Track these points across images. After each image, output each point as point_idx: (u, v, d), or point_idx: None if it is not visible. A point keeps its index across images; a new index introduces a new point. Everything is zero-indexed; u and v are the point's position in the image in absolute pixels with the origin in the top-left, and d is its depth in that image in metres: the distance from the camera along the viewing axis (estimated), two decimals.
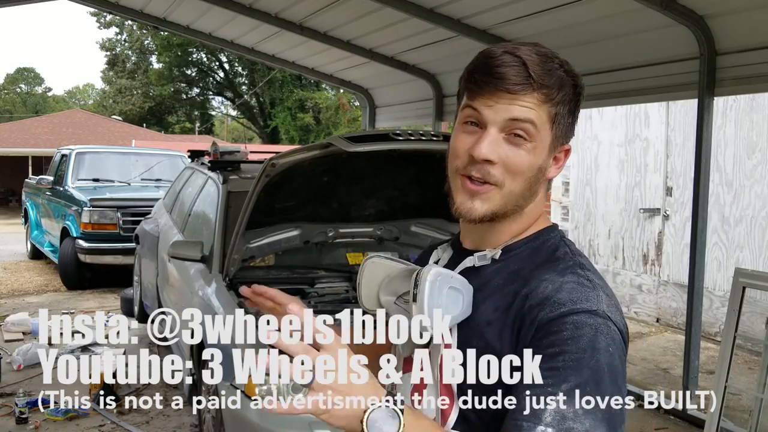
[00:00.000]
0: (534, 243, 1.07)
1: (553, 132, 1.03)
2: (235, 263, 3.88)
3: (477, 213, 1.02)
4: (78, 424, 4.26)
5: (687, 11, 4.20)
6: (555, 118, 1.02)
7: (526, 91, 0.99)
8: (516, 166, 1.01)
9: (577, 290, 0.96)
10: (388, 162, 3.60)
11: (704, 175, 4.44)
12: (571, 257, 1.04)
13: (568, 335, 0.92)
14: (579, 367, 0.91)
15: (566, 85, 1.03)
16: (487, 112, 1.00)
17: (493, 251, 1.06)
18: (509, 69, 0.99)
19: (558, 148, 1.06)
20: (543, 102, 1.00)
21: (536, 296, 0.97)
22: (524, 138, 1.00)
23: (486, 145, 0.99)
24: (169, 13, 7.41)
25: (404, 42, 6.48)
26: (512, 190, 1.02)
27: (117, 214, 8.35)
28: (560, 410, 0.89)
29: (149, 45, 35.36)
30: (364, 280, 1.11)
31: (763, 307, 5.41)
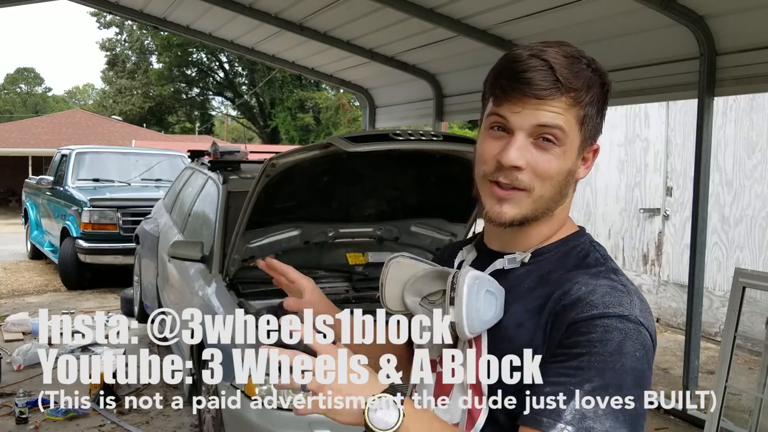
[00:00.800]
0: (564, 247, 1.06)
1: (582, 134, 1.03)
2: (235, 263, 3.88)
3: (506, 217, 1.02)
4: (78, 424, 4.26)
5: (687, 11, 4.20)
6: (583, 120, 1.01)
7: (554, 95, 0.97)
8: (545, 171, 1.00)
9: (611, 294, 0.96)
10: (388, 162, 3.60)
11: (704, 175, 4.44)
12: (603, 262, 1.03)
13: (597, 338, 0.92)
14: (603, 369, 0.91)
15: (594, 86, 1.01)
16: (514, 118, 0.99)
17: (523, 254, 1.06)
18: (536, 74, 0.97)
19: (587, 149, 1.06)
20: (571, 105, 0.99)
21: (569, 297, 0.97)
22: (553, 143, 0.99)
23: (514, 152, 0.98)
24: (169, 13, 7.41)
25: (404, 42, 6.48)
26: (542, 194, 1.01)
27: (117, 214, 8.35)
28: (581, 409, 0.90)
29: (149, 45, 35.37)
30: (389, 280, 1.09)
31: (763, 307, 5.41)
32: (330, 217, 4.14)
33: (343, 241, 4.32)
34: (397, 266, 1.10)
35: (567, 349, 0.93)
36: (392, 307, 1.09)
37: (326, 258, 4.44)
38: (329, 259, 4.43)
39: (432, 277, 1.08)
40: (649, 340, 0.95)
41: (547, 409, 0.91)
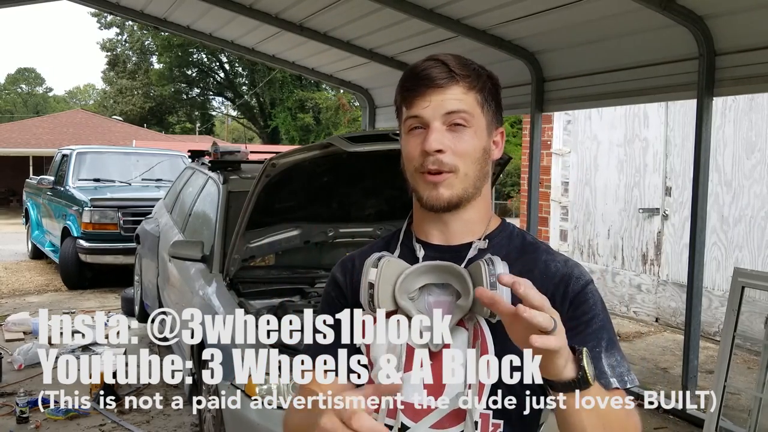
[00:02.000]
0: (504, 232, 1.21)
1: (485, 116, 1.16)
2: (236, 263, 3.89)
3: (443, 198, 1.14)
4: (78, 424, 4.27)
5: (686, 11, 4.20)
6: (482, 103, 1.16)
7: (451, 83, 1.13)
8: (464, 150, 1.13)
9: (578, 265, 1.17)
10: (388, 162, 3.60)
11: (703, 175, 4.45)
12: (539, 241, 1.22)
13: (592, 301, 1.13)
14: (605, 325, 1.13)
15: (482, 75, 1.16)
16: (426, 112, 1.13)
17: (481, 242, 1.17)
18: (433, 69, 1.13)
19: (493, 131, 1.19)
20: (468, 90, 1.14)
21: (554, 275, 1.14)
22: (463, 125, 1.13)
23: (434, 138, 1.11)
24: (170, 13, 7.42)
25: (404, 42, 6.48)
26: (467, 172, 1.14)
27: (118, 214, 8.36)
28: (609, 362, 1.11)
29: (150, 45, 35.37)
30: (383, 280, 1.12)
31: (762, 307, 5.41)
32: (330, 217, 4.15)
33: (343, 241, 4.33)
34: (388, 265, 1.13)
35: (579, 319, 1.11)
36: (384, 307, 1.11)
37: (326, 258, 4.45)
38: (329, 259, 4.44)
39: (419, 273, 1.12)
40: None
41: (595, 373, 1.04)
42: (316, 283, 4.08)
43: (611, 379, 1.09)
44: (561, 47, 5.48)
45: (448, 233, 1.19)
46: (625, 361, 1.12)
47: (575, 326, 1.10)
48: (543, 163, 8.02)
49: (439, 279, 1.12)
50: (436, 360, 1.09)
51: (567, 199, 8.23)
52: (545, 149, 8.11)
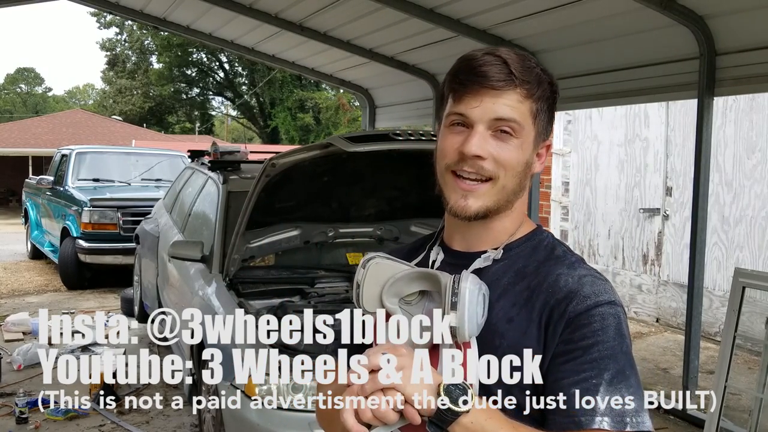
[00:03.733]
0: (531, 242, 1.11)
1: (536, 128, 1.07)
2: (235, 263, 3.88)
3: (471, 210, 1.06)
4: (78, 424, 4.26)
5: (687, 11, 4.20)
6: (536, 114, 1.06)
7: (508, 87, 1.03)
8: (506, 160, 1.05)
9: (596, 283, 1.03)
10: (388, 162, 3.60)
11: (704, 175, 4.45)
12: (570, 254, 1.09)
13: (598, 327, 0.99)
14: (614, 355, 0.98)
15: (544, 82, 1.07)
16: (473, 112, 1.03)
17: (495, 251, 1.09)
18: (492, 67, 1.03)
19: (540, 144, 1.10)
20: (525, 98, 1.04)
21: (560, 290, 1.02)
22: (510, 134, 1.04)
23: (476, 142, 1.03)
24: (169, 13, 7.41)
25: (404, 42, 6.48)
26: (505, 185, 1.06)
27: (117, 214, 8.35)
28: (608, 398, 0.96)
29: (149, 45, 35.36)
30: (367, 281, 1.09)
31: (762, 307, 5.41)
32: (330, 217, 4.15)
33: (343, 241, 4.32)
34: (375, 267, 1.09)
35: (576, 344, 0.98)
36: (369, 308, 1.09)
37: (326, 258, 4.44)
38: (329, 259, 4.43)
39: (411, 278, 1.08)
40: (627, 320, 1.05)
41: (582, 408, 0.95)
42: (316, 283, 4.07)
43: (599, 417, 0.94)
44: (561, 47, 5.48)
45: (469, 239, 1.12)
46: (638, 400, 0.97)
47: (570, 350, 0.99)
48: None
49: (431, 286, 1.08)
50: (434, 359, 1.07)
51: (567, 199, 8.22)
52: None
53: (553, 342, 1.00)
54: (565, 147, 8.16)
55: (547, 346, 1.00)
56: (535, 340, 1.01)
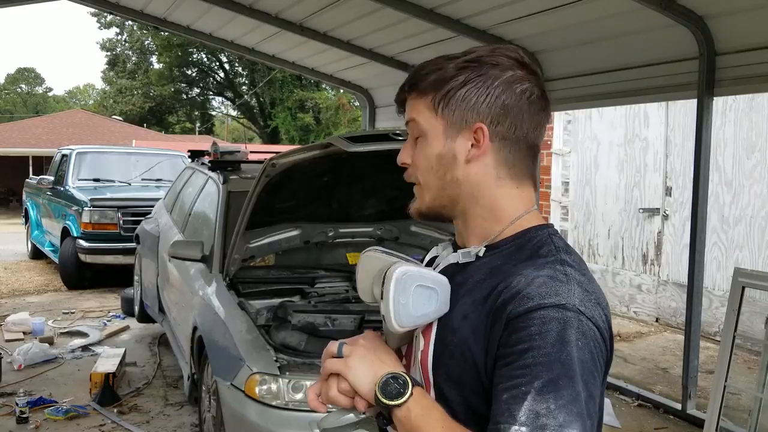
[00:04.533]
0: (519, 240, 1.06)
1: (443, 117, 1.05)
2: (235, 263, 3.88)
3: (412, 211, 1.14)
4: (78, 424, 4.26)
5: (687, 11, 4.20)
6: (435, 105, 1.06)
7: (407, 94, 1.11)
8: (416, 161, 1.10)
9: (548, 284, 0.95)
10: (388, 162, 3.59)
11: (704, 175, 4.45)
12: (554, 253, 1.02)
13: (536, 330, 0.92)
14: (549, 362, 0.90)
15: (432, 72, 1.06)
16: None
17: (477, 248, 1.08)
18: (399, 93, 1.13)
19: (462, 130, 1.05)
20: (419, 96, 1.08)
21: (509, 291, 0.97)
22: (417, 135, 1.10)
23: (400, 152, 1.13)
24: (170, 13, 7.41)
25: (404, 42, 6.48)
26: (426, 182, 1.09)
27: (117, 214, 8.36)
28: (534, 408, 0.88)
29: (149, 45, 35.37)
30: (360, 273, 1.11)
31: (762, 307, 5.41)
32: (330, 217, 4.15)
33: (343, 241, 4.33)
34: (367, 260, 1.10)
35: (511, 348, 0.93)
36: (365, 299, 1.10)
37: (326, 258, 4.45)
38: (329, 259, 4.44)
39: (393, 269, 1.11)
40: (591, 329, 0.94)
41: (504, 413, 0.89)
42: (316, 283, 4.08)
43: (515, 426, 0.87)
44: (561, 47, 5.48)
45: (462, 236, 1.14)
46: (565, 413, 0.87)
47: (506, 354, 0.93)
48: (543, 163, 8.02)
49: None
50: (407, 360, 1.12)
51: (567, 199, 8.22)
52: (545, 149, 8.11)
53: (494, 345, 0.96)
54: (564, 147, 8.16)
55: (489, 348, 0.96)
56: (480, 341, 0.98)
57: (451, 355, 1.00)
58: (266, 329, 3.35)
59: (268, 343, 3.14)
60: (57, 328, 6.53)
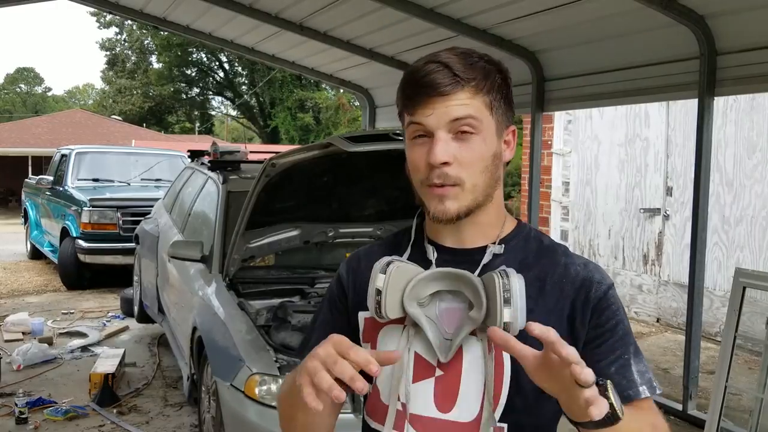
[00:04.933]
0: (521, 235, 1.15)
1: (495, 118, 1.08)
2: (235, 263, 3.87)
3: (451, 212, 1.07)
4: (78, 425, 4.25)
5: (687, 11, 4.19)
6: (491, 105, 1.07)
7: (456, 89, 1.04)
8: (470, 159, 1.05)
9: (599, 269, 1.12)
10: (388, 162, 3.59)
11: (704, 175, 4.44)
12: (557, 243, 1.17)
13: (615, 307, 1.09)
14: (629, 330, 1.10)
15: (491, 73, 1.08)
16: (429, 120, 1.05)
17: (497, 246, 1.12)
18: (436, 75, 1.04)
19: (504, 132, 1.11)
20: (475, 94, 1.05)
21: (574, 279, 1.09)
22: (471, 132, 1.05)
23: (439, 149, 1.03)
24: (169, 12, 7.40)
25: (404, 42, 6.47)
26: (475, 183, 1.07)
27: (117, 214, 8.34)
28: (638, 369, 1.07)
29: (149, 45, 35.36)
30: (391, 286, 1.05)
31: (763, 307, 5.40)
32: (330, 217, 4.14)
33: (343, 241, 4.32)
34: (397, 271, 1.06)
35: (603, 327, 1.07)
36: (391, 315, 1.06)
37: (326, 258, 4.44)
38: (329, 259, 4.43)
39: (429, 279, 1.07)
40: None
41: (622, 381, 1.05)
42: (316, 283, 4.07)
43: (641, 387, 1.06)
44: (562, 46, 5.47)
45: (461, 236, 1.12)
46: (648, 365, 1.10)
47: (601, 334, 1.07)
48: (544, 163, 8.01)
49: (451, 285, 1.07)
50: (448, 371, 1.06)
51: (568, 199, 8.21)
52: (546, 149, 8.10)
53: (583, 329, 1.07)
54: (565, 147, 8.15)
55: (576, 334, 1.07)
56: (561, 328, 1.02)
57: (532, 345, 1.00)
58: (266, 329, 3.34)
59: (268, 344, 3.13)
60: (56, 328, 6.53)
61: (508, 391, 1.05)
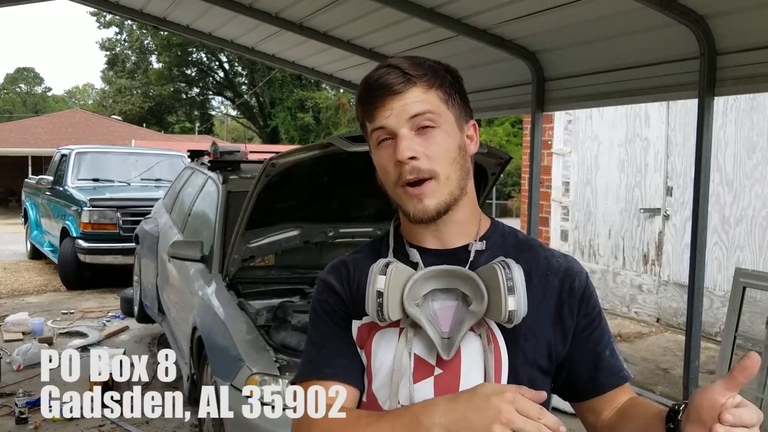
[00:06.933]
0: (497, 231, 1.18)
1: (452, 112, 1.10)
2: (235, 263, 3.87)
3: (431, 209, 1.08)
4: (78, 425, 4.25)
5: (687, 11, 4.19)
6: (447, 99, 1.09)
7: (408, 86, 1.07)
8: (437, 152, 1.07)
9: (574, 260, 1.17)
10: None
11: (704, 175, 4.43)
12: (531, 238, 1.21)
13: (596, 295, 1.16)
14: (604, 315, 1.17)
15: (439, 70, 1.11)
16: (390, 121, 1.07)
17: (480, 243, 1.14)
18: (387, 77, 1.07)
19: (465, 126, 1.13)
20: (428, 89, 1.08)
21: (557, 271, 1.13)
22: (432, 126, 1.07)
23: (404, 146, 1.05)
24: (169, 12, 7.40)
25: (404, 42, 6.47)
26: (448, 175, 1.08)
27: (117, 214, 8.34)
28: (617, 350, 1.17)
29: (149, 45, 35.35)
30: (392, 287, 1.06)
31: (763, 307, 5.40)
32: (330, 217, 4.14)
33: (343, 241, 4.31)
34: (396, 272, 1.07)
35: (592, 314, 1.14)
36: (393, 316, 1.06)
37: (326, 258, 4.43)
38: (329, 259, 4.40)
39: (426, 278, 1.08)
40: None
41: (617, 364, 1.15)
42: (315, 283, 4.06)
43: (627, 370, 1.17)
44: (562, 46, 5.47)
45: (441, 237, 1.13)
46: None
47: (591, 321, 1.13)
48: (544, 163, 8.01)
49: (444, 284, 1.08)
50: (447, 369, 1.07)
51: (568, 199, 8.21)
52: (546, 149, 8.10)
53: (571, 318, 1.11)
54: (565, 147, 8.15)
55: (565, 324, 1.11)
56: (548, 319, 1.10)
57: (525, 338, 1.08)
58: (266, 329, 3.34)
59: (268, 344, 3.13)
60: (56, 328, 6.53)
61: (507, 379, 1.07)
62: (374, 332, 1.12)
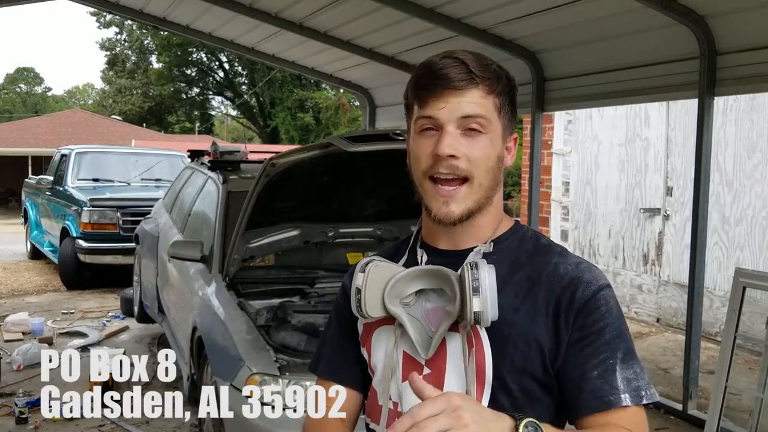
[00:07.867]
0: (517, 235, 1.14)
1: (502, 121, 1.10)
2: (235, 263, 3.87)
3: (454, 215, 1.07)
4: (78, 424, 4.25)
5: (687, 11, 4.19)
6: (500, 108, 1.09)
7: (470, 85, 1.05)
8: (478, 157, 1.06)
9: (591, 269, 1.09)
10: (388, 162, 3.59)
11: (704, 175, 4.44)
12: (555, 244, 1.15)
13: (605, 309, 1.05)
14: (621, 333, 1.05)
15: (502, 77, 1.09)
16: (441, 113, 1.05)
17: (485, 245, 1.11)
18: (452, 69, 1.05)
19: (508, 137, 1.12)
20: (487, 94, 1.06)
21: (562, 278, 1.06)
22: (479, 131, 1.06)
23: (448, 141, 1.04)
24: (169, 12, 7.40)
25: (404, 42, 6.47)
26: (481, 182, 1.07)
27: (117, 214, 8.34)
28: (624, 376, 1.02)
29: (149, 45, 35.35)
30: (369, 284, 1.07)
31: (763, 307, 5.40)
32: (330, 217, 4.14)
33: (343, 241, 4.32)
34: (375, 270, 1.08)
35: (590, 328, 1.03)
36: (372, 313, 1.07)
37: (326, 258, 4.44)
38: (329, 259, 4.42)
39: (411, 277, 1.08)
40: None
41: (604, 386, 1.01)
42: (316, 283, 4.06)
43: (623, 395, 1.00)
44: (562, 46, 5.47)
45: (456, 239, 1.13)
46: (644, 373, 1.04)
47: (586, 335, 1.04)
48: (544, 163, 8.01)
49: (434, 284, 1.08)
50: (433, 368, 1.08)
51: (568, 199, 8.21)
52: (546, 149, 8.10)
53: (566, 329, 1.04)
54: (565, 147, 8.15)
55: (560, 334, 1.04)
56: (544, 328, 1.04)
57: (514, 345, 1.04)
58: (266, 329, 3.34)
59: (268, 344, 3.13)
60: (56, 328, 6.53)
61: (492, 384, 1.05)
62: (373, 329, 1.14)
